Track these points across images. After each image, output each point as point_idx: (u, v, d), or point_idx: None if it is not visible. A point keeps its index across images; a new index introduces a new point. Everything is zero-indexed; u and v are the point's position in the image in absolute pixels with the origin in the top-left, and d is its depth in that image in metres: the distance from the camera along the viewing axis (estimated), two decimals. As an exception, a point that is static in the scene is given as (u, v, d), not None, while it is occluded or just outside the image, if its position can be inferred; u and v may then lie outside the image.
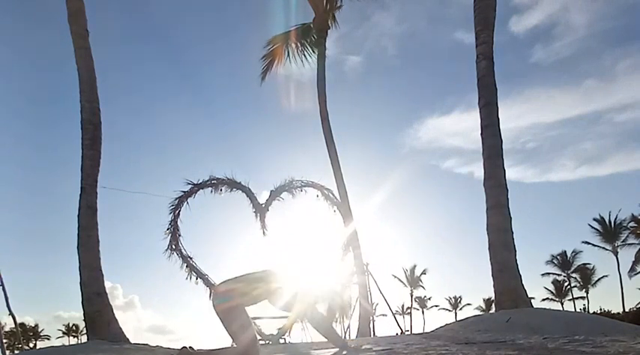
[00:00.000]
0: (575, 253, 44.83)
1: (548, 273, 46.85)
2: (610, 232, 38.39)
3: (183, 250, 7.08)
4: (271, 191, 7.53)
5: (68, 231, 6.25)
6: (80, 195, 6.07)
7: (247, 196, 7.46)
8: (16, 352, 8.99)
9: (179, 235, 7.11)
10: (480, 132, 6.35)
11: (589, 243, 39.91)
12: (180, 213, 7.18)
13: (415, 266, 54.32)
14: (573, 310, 38.97)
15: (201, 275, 7.08)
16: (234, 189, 7.40)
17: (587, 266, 44.59)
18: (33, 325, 60.34)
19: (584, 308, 43.34)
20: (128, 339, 5.84)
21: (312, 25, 12.56)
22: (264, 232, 7.44)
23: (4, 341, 6.91)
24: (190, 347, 2.88)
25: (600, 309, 38.47)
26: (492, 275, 5.87)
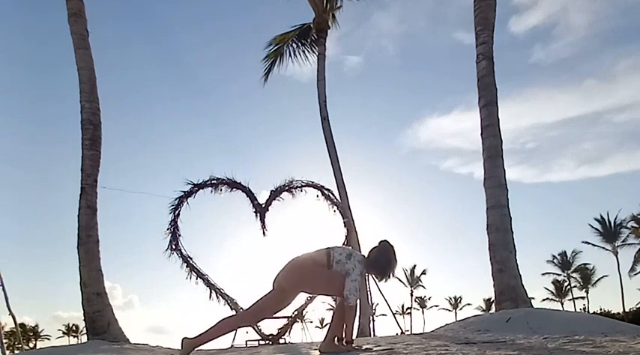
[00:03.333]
0: (575, 253, 44.90)
1: (548, 273, 46.92)
2: (610, 232, 38.41)
3: (183, 250, 7.09)
4: (271, 191, 7.53)
5: (68, 231, 6.25)
6: (80, 195, 6.07)
7: (247, 196, 7.46)
8: (16, 352, 8.98)
9: (179, 235, 7.11)
10: (479, 132, 6.35)
11: (589, 243, 39.98)
12: (181, 213, 7.18)
13: (415, 266, 54.34)
14: (573, 310, 38.94)
15: (201, 275, 7.09)
16: (234, 189, 7.40)
17: (587, 266, 44.63)
18: (33, 325, 60.41)
19: (584, 308, 43.35)
20: (128, 339, 5.84)
21: (312, 25, 12.56)
22: (264, 232, 7.44)
23: (4, 341, 6.90)
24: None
25: (600, 309, 38.49)
26: (492, 275, 5.87)
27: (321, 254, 3.14)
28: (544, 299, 47.46)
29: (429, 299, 59.35)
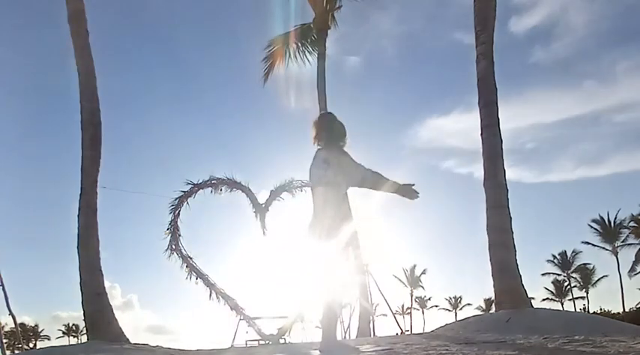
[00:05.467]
0: (575, 253, 44.97)
1: (548, 273, 46.96)
2: (610, 232, 38.46)
3: (183, 250, 7.08)
4: (271, 191, 7.53)
5: (68, 231, 6.24)
6: (80, 195, 6.06)
7: (247, 196, 7.45)
8: (16, 352, 8.99)
9: (179, 235, 7.10)
10: (479, 132, 6.35)
11: (589, 243, 40.04)
12: (180, 213, 7.18)
13: (415, 266, 54.31)
14: (573, 310, 38.95)
15: (201, 275, 7.08)
16: (234, 189, 7.40)
17: (587, 266, 44.67)
18: (33, 325, 60.46)
19: (584, 308, 43.37)
20: (128, 339, 5.84)
21: (312, 26, 12.56)
22: (264, 232, 7.44)
23: (4, 341, 6.91)
24: None
25: (600, 309, 38.57)
26: (492, 275, 5.86)
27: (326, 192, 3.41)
28: (544, 299, 47.53)
29: (429, 299, 59.43)
